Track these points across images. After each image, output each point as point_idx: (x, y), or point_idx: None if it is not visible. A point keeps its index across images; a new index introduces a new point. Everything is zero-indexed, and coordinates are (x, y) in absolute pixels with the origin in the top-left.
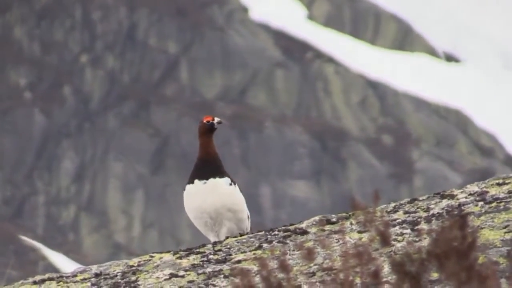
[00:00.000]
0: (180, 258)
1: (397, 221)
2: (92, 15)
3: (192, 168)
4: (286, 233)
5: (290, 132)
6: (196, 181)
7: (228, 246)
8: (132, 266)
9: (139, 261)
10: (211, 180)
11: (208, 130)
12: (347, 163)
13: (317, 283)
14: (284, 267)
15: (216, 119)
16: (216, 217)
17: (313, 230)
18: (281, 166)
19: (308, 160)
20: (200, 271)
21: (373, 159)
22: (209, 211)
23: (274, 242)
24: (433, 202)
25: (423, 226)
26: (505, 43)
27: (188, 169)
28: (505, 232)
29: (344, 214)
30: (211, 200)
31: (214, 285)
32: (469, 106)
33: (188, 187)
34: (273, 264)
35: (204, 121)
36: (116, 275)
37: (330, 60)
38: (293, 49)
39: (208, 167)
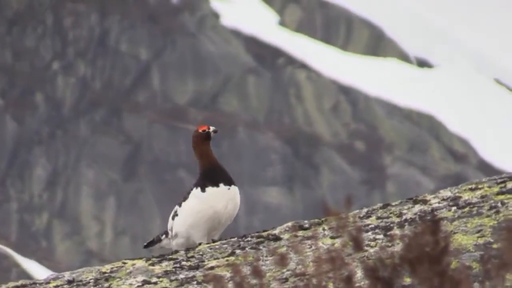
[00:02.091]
0: (152, 264)
1: (370, 226)
2: (64, 22)
3: (202, 174)
4: (259, 239)
5: (262, 138)
6: (221, 185)
7: (201, 253)
8: (105, 272)
9: (111, 268)
10: (233, 187)
11: (204, 139)
12: (319, 169)
13: None
14: (257, 273)
15: (212, 128)
16: (225, 222)
17: (286, 236)
18: (253, 172)
19: (280, 166)
20: (173, 278)
21: (346, 165)
22: (226, 217)
23: (247, 248)
24: (405, 207)
25: (396, 231)
26: (477, 48)
27: (160, 175)
28: (478, 237)
29: (316, 220)
30: (231, 206)
31: None
32: (442, 112)
33: (212, 189)
34: (246, 270)
35: (200, 131)
36: (89, 282)
37: (302, 66)
38: (265, 55)
39: (224, 173)
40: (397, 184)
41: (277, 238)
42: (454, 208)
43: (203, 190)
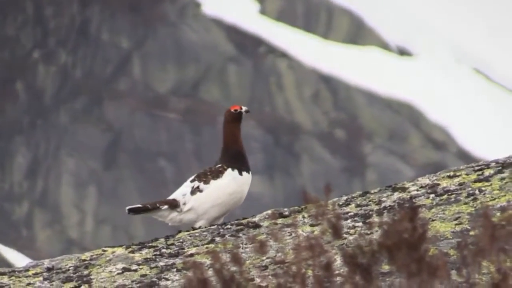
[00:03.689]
0: (132, 252)
1: (349, 214)
2: (45, 11)
3: (232, 156)
4: (238, 227)
5: (243, 127)
6: (244, 173)
7: (181, 240)
8: (85, 260)
9: (91, 255)
10: (250, 174)
11: (236, 119)
12: (300, 158)
13: (270, 276)
14: (236, 260)
15: (244, 108)
16: (234, 208)
17: (265, 223)
18: None
19: (261, 154)
20: (152, 265)
21: (326, 153)
22: (240, 203)
23: (226, 236)
24: (384, 195)
25: (375, 219)
26: (457, 37)
27: (140, 164)
28: (456, 224)
29: (296, 207)
30: (245, 193)
31: (166, 278)
32: (422, 100)
33: (246, 174)
34: (226, 257)
35: (232, 110)
36: (69, 269)
37: (283, 54)
38: (246, 44)
39: (246, 160)
40: (377, 172)
41: (256, 226)
42: (432, 195)
43: (240, 173)
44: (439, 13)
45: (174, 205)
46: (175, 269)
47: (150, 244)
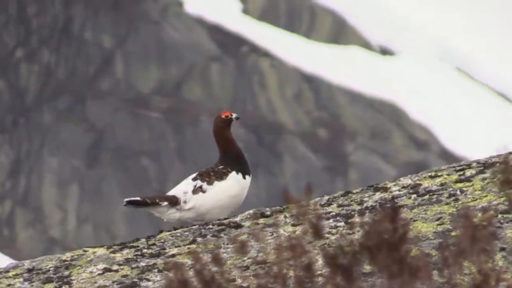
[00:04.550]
0: (114, 252)
1: (331, 214)
2: (27, 10)
3: (234, 160)
4: (220, 227)
5: None
6: (247, 176)
7: (162, 240)
8: (65, 260)
9: (72, 256)
10: (250, 178)
11: (227, 125)
12: (282, 157)
13: (251, 277)
14: (217, 260)
15: (234, 115)
16: (233, 212)
17: (247, 223)
18: (216, 160)
19: (244, 154)
20: (134, 265)
21: (309, 153)
22: (238, 207)
23: (208, 236)
24: (366, 195)
25: (357, 219)
26: (440, 36)
27: (123, 163)
28: (438, 225)
29: (278, 207)
30: (244, 196)
31: (148, 279)
32: (404, 99)
33: (248, 178)
34: (207, 257)
35: (223, 116)
36: (49, 270)
37: (266, 54)
38: (229, 43)
39: (247, 163)
40: (360, 171)
41: (238, 226)
42: (414, 195)
43: (244, 177)
44: (422, 12)
45: (174, 202)
46: (156, 270)
47: (132, 244)
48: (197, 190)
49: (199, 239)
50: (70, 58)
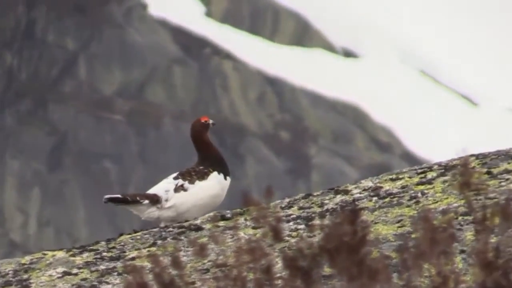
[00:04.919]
0: (73, 255)
1: (292, 216)
2: None
3: (214, 161)
4: (180, 230)
5: (188, 128)
6: (227, 177)
7: (122, 243)
8: (24, 264)
9: (31, 259)
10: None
11: (205, 129)
12: (245, 159)
13: (211, 280)
14: (177, 264)
15: (211, 121)
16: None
17: (207, 226)
18: (178, 163)
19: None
20: (93, 269)
21: (271, 155)
22: (216, 206)
23: (168, 239)
24: (327, 197)
25: (317, 221)
26: (403, 38)
27: (85, 166)
28: (398, 227)
29: (238, 210)
30: (223, 197)
31: (107, 282)
32: (367, 102)
33: (228, 179)
34: (167, 261)
35: (202, 121)
36: (8, 274)
37: (228, 56)
38: (192, 45)
39: (227, 165)
40: (322, 173)
41: (198, 228)
42: (375, 198)
43: (225, 177)
44: (385, 15)
45: (155, 200)
46: (115, 273)
47: (91, 247)
48: (178, 188)
49: (159, 242)
50: (32, 61)
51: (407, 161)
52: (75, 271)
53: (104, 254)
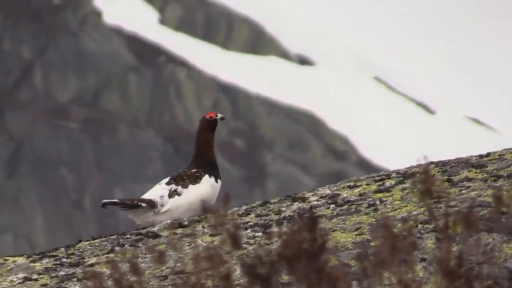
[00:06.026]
0: (33, 261)
1: (249, 224)
2: None
3: (207, 164)
4: (138, 237)
5: (143, 136)
6: (219, 180)
7: (81, 250)
8: None
9: None
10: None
11: (211, 126)
12: None
13: (169, 286)
14: (135, 270)
15: (219, 115)
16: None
17: (165, 233)
18: (134, 170)
19: (161, 163)
20: (53, 275)
21: (226, 163)
22: None
23: (126, 246)
24: (284, 205)
25: (274, 229)
26: (358, 45)
27: (41, 173)
28: (357, 235)
29: (196, 217)
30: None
31: None
32: (322, 109)
33: (219, 182)
34: (125, 267)
35: (207, 117)
36: None
37: (183, 64)
38: (146, 53)
39: (218, 168)
40: (278, 181)
41: (156, 236)
42: (332, 205)
43: (216, 181)
44: (339, 22)
45: (151, 205)
46: (75, 279)
47: (51, 253)
48: (173, 193)
49: (117, 249)
50: None
51: (363, 168)
52: (35, 276)
53: (64, 260)
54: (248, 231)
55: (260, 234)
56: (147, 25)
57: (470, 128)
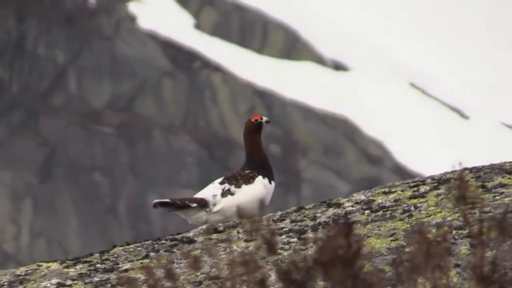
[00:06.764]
0: (67, 267)
1: (284, 229)
2: None
3: (260, 165)
4: (173, 242)
5: (177, 141)
6: (272, 182)
7: (116, 255)
8: (19, 275)
9: (26, 270)
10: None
11: (256, 129)
12: None
13: None
14: (170, 275)
15: (264, 118)
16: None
17: (200, 238)
18: (169, 175)
19: (196, 169)
20: (87, 280)
21: None
22: None
23: (161, 251)
24: (319, 210)
25: (310, 234)
26: (393, 50)
27: (75, 177)
28: (391, 241)
29: (231, 222)
30: (268, 202)
31: None
32: (357, 115)
33: (273, 183)
34: (160, 273)
35: (253, 120)
36: (3, 285)
37: (218, 69)
38: (181, 58)
39: (272, 169)
40: (312, 187)
41: (191, 241)
42: (367, 211)
43: (270, 182)
44: (374, 27)
45: (203, 204)
46: (109, 285)
47: (85, 259)
48: (226, 193)
49: (152, 254)
50: (23, 73)
51: (397, 174)
52: (69, 282)
53: (98, 265)
54: (283, 236)
55: (295, 239)
56: (182, 30)
57: (505, 134)
